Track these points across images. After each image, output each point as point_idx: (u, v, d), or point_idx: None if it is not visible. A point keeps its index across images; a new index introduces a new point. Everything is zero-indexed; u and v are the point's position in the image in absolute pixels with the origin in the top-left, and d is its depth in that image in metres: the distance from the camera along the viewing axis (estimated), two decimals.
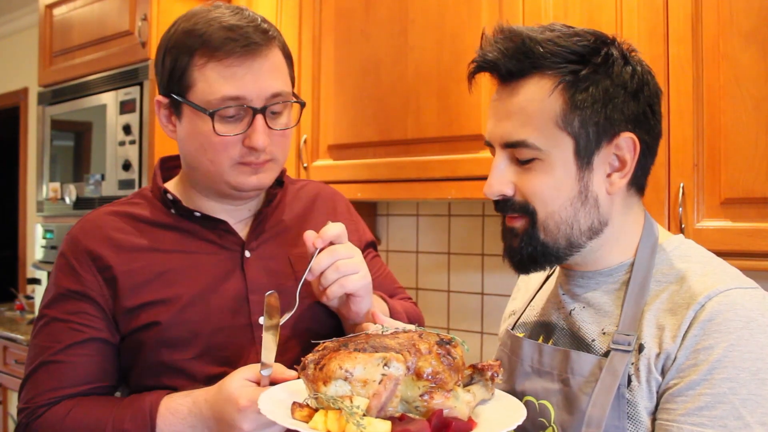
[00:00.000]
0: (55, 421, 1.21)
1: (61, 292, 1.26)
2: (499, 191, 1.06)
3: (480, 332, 2.49)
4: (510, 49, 1.02)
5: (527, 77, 1.02)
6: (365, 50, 2.24)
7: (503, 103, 1.05)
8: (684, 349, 0.95)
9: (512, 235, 1.08)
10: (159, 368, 1.24)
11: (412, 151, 2.14)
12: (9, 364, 3.63)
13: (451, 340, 0.99)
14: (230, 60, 1.18)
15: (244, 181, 1.25)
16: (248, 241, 1.32)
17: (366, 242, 1.49)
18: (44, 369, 1.24)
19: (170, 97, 1.24)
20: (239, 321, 1.26)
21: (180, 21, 1.24)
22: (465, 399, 0.96)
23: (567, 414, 1.03)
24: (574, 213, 1.03)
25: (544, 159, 1.02)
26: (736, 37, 1.50)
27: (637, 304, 1.02)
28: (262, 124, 1.21)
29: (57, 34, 3.20)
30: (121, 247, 1.27)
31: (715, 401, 0.91)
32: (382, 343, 0.95)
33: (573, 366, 1.04)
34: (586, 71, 1.00)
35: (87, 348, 1.24)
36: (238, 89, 1.18)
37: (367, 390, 0.91)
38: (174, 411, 1.15)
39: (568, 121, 1.00)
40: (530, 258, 1.06)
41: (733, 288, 0.97)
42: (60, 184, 3.19)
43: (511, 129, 1.03)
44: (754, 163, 1.48)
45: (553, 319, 1.14)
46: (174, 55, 1.21)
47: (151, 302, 1.24)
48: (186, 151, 1.28)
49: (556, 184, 1.02)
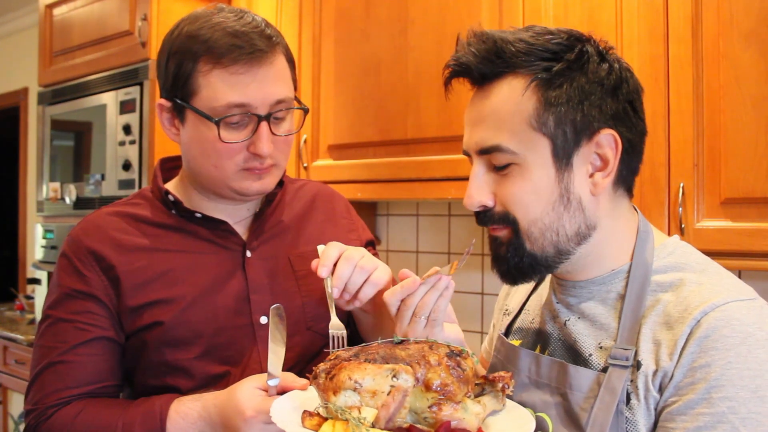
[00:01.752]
0: (65, 423, 1.20)
1: (65, 292, 1.26)
2: (479, 202, 1.02)
3: (480, 332, 2.49)
4: (482, 51, 1.00)
5: (500, 79, 1.00)
6: (365, 50, 2.24)
7: (477, 108, 1.03)
8: (681, 367, 0.92)
9: (498, 243, 1.04)
10: (162, 368, 1.25)
11: (412, 151, 2.14)
12: (9, 364, 3.63)
13: (461, 352, 0.99)
14: (236, 67, 1.17)
15: (249, 186, 1.25)
16: (249, 241, 1.32)
17: (365, 241, 1.49)
18: (51, 369, 1.23)
19: (173, 102, 1.23)
20: (241, 321, 1.27)
21: (183, 24, 1.23)
22: (474, 410, 0.96)
23: (566, 429, 1.02)
24: (557, 218, 0.99)
25: (521, 163, 0.98)
26: (736, 37, 1.50)
27: (634, 316, 0.99)
28: (267, 131, 1.21)
29: (57, 33, 3.21)
30: (123, 247, 1.27)
31: (714, 421, 0.88)
32: (392, 354, 0.96)
33: (571, 381, 1.01)
34: (559, 67, 0.97)
35: (94, 347, 1.24)
36: (243, 97, 1.18)
37: (375, 401, 0.92)
38: (184, 415, 1.15)
39: (542, 121, 0.96)
40: (518, 269, 1.03)
41: (730, 301, 0.93)
42: (60, 184, 3.19)
43: (484, 134, 1.00)
44: (754, 163, 1.48)
45: (548, 329, 1.11)
46: (178, 59, 1.21)
47: (153, 302, 1.24)
48: (190, 155, 1.28)
49: (534, 188, 0.98)
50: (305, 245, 1.37)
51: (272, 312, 1.08)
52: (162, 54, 1.25)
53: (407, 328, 1.09)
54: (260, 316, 1.28)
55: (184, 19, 1.25)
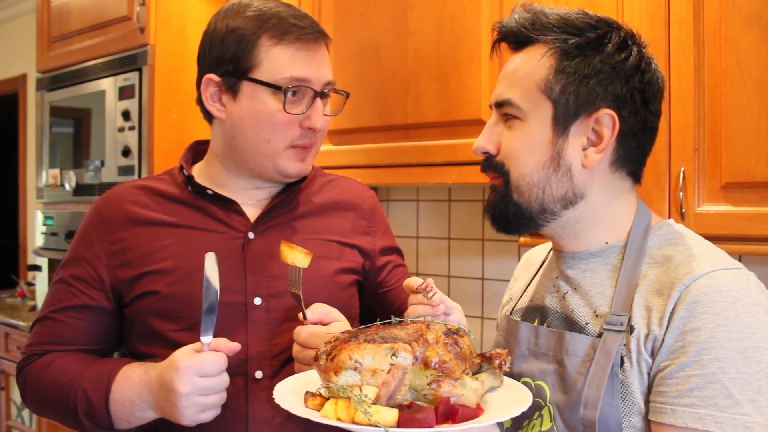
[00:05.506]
0: (37, 371, 1.31)
1: (74, 255, 1.36)
2: (483, 147, 1.12)
3: (480, 317, 2.50)
4: (521, 19, 1.10)
5: (530, 45, 1.09)
6: (365, 34, 2.23)
7: (506, 68, 1.12)
8: (672, 331, 0.97)
9: (492, 191, 1.13)
10: (151, 337, 1.30)
11: (412, 135, 2.13)
12: (11, 350, 3.64)
13: (458, 330, 1.02)
14: (298, 45, 1.28)
15: (293, 166, 1.32)
16: (255, 223, 1.34)
17: (380, 248, 1.49)
18: (43, 323, 1.35)
19: (225, 75, 1.29)
20: (235, 299, 1.30)
21: (239, 6, 1.31)
22: (473, 387, 0.99)
23: (562, 394, 1.06)
24: (546, 177, 1.07)
25: (524, 119, 1.07)
26: (737, 21, 1.49)
27: (629, 285, 1.04)
28: (321, 106, 1.30)
29: (55, 19, 3.18)
30: (134, 220, 1.34)
31: (705, 382, 0.93)
32: (391, 334, 0.99)
33: (567, 347, 1.06)
34: (578, 41, 1.05)
35: (81, 313, 1.33)
36: (304, 72, 1.28)
37: (376, 379, 0.94)
38: (127, 378, 1.22)
39: (550, 86, 1.05)
40: (503, 216, 1.11)
41: (718, 269, 0.98)
42: (60, 171, 3.19)
43: (502, 89, 1.10)
44: (755, 148, 1.47)
45: (547, 303, 1.16)
46: (238, 36, 1.28)
47: (149, 272, 1.30)
48: (237, 130, 1.31)
49: (530, 144, 1.07)
50: (306, 234, 1.39)
51: (207, 259, 1.12)
52: (216, 32, 1.31)
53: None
54: (254, 297, 1.31)
55: (233, 2, 1.33)
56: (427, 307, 1.13)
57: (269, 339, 1.30)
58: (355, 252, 1.44)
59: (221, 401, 1.14)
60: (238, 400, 1.27)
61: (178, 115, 2.69)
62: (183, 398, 1.09)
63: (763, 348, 0.93)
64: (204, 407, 1.12)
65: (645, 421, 0.99)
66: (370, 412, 0.89)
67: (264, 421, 1.28)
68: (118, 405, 1.21)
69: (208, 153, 1.41)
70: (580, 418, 1.01)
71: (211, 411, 1.14)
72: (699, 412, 0.92)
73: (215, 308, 1.12)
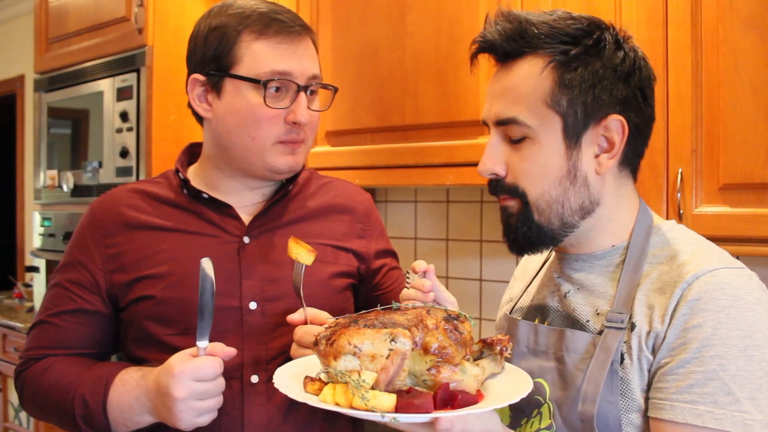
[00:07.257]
0: (35, 375, 1.31)
1: (70, 260, 1.35)
2: (491, 169, 1.09)
3: (478, 318, 2.49)
4: (507, 30, 1.06)
5: (522, 57, 1.06)
6: (363, 36, 2.23)
7: (499, 83, 1.09)
8: (673, 328, 0.97)
9: (508, 214, 1.11)
10: (147, 341, 1.30)
11: (410, 137, 2.13)
12: (8, 352, 3.64)
13: (458, 316, 1.02)
14: (279, 38, 1.27)
15: (282, 161, 1.30)
16: (250, 227, 1.33)
17: (376, 251, 1.49)
18: (40, 327, 1.35)
19: (209, 75, 1.29)
20: (229, 303, 1.29)
21: (221, 6, 1.31)
22: (473, 373, 0.99)
23: (561, 390, 1.06)
24: (564, 192, 1.06)
25: (534, 137, 1.05)
26: (735, 22, 1.49)
27: (631, 283, 1.05)
28: (305, 100, 1.29)
29: (53, 20, 3.18)
30: (129, 224, 1.33)
31: (705, 378, 0.93)
32: (390, 319, 0.99)
33: (568, 344, 1.07)
34: (577, 51, 1.03)
35: (78, 317, 1.32)
36: (285, 65, 1.26)
37: (375, 364, 0.94)
38: (125, 382, 1.22)
39: (556, 100, 1.03)
40: (525, 239, 1.09)
41: (720, 268, 0.99)
42: (57, 172, 3.18)
43: (503, 107, 1.07)
44: (753, 149, 1.48)
45: (548, 302, 1.17)
46: (220, 32, 1.28)
47: (145, 276, 1.30)
48: (223, 129, 1.31)
49: (545, 162, 1.05)
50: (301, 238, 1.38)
51: (203, 265, 1.11)
52: (200, 32, 1.31)
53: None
54: (249, 301, 1.30)
55: (217, 5, 1.33)
56: (418, 292, 1.13)
57: (265, 343, 1.30)
58: (350, 255, 1.44)
59: (218, 405, 1.14)
60: (234, 404, 1.27)
61: (176, 116, 2.69)
62: (179, 403, 1.09)
63: (764, 346, 0.94)
64: (200, 411, 1.12)
65: (644, 418, 0.99)
66: (367, 397, 0.89)
67: (260, 425, 1.27)
68: (116, 409, 1.21)
69: (201, 155, 1.41)
70: (579, 413, 1.01)
71: (208, 415, 1.14)
72: (698, 408, 0.93)
73: (211, 313, 1.12)
